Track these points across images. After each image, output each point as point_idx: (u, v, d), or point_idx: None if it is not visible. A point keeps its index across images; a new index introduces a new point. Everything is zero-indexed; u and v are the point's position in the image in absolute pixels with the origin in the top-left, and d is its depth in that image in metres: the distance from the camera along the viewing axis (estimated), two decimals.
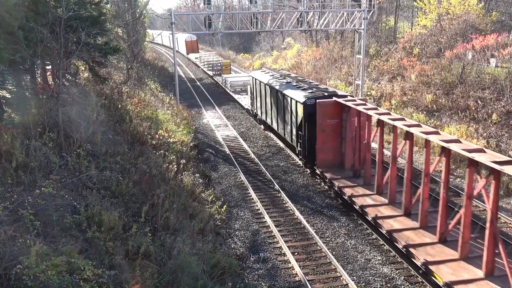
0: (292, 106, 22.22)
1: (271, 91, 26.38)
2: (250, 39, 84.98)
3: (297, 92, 22.42)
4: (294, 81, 25.52)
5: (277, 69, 41.17)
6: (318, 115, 19.67)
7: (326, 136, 19.80)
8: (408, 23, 47.67)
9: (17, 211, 10.38)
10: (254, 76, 31.16)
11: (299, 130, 21.51)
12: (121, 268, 10.66)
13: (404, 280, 13.22)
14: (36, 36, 13.95)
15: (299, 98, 21.30)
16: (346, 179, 18.70)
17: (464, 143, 13.83)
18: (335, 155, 20.10)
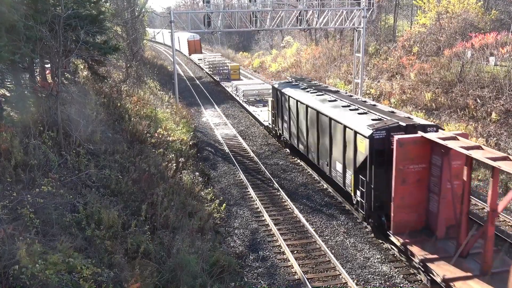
0: (347, 137, 16.08)
1: (307, 111, 19.89)
2: (249, 37, 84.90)
3: (353, 117, 16.35)
4: (341, 99, 19.13)
5: (307, 77, 32.33)
6: (398, 157, 13.32)
7: (408, 187, 13.55)
8: (408, 21, 47.65)
9: (16, 209, 10.38)
10: (279, 88, 24.44)
11: (359, 174, 15.32)
12: (120, 267, 10.67)
13: (403, 279, 13.24)
14: (35, 34, 13.94)
15: (359, 128, 15.15)
16: (447, 259, 12.27)
17: None
18: (420, 214, 13.94)
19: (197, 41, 76.27)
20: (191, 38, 74.98)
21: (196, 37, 75.54)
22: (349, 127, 15.84)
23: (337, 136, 17.03)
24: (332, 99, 19.20)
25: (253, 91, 38.13)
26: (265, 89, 37.57)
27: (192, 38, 74.86)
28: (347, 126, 16.03)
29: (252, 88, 38.93)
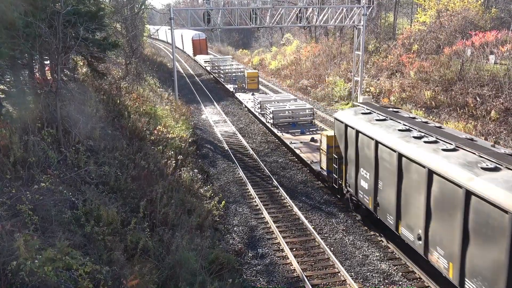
0: None
1: (429, 178, 11.34)
2: (249, 35, 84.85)
3: None
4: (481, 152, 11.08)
5: (395, 107, 19.90)
6: None
7: None
8: (407, 19, 47.65)
9: (15, 206, 10.37)
10: (351, 124, 15.68)
11: None
12: (119, 264, 10.67)
13: (401, 277, 13.26)
14: (35, 31, 13.90)
15: None
16: None
17: None
18: None
19: (202, 40, 69.64)
20: (196, 36, 68.73)
21: (201, 36, 69.04)
22: None
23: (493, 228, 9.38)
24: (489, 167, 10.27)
25: (286, 112, 28.51)
26: (300, 108, 29.08)
27: (197, 37, 68.64)
28: None
29: (283, 108, 28.75)
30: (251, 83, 40.80)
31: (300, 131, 26.73)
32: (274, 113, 27.93)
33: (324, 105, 37.01)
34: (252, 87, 40.55)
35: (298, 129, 27.31)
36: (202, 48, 69.01)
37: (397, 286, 12.84)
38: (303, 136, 25.84)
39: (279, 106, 29.41)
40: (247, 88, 40.63)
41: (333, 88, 38.41)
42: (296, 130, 27.15)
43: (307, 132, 26.64)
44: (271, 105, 29.48)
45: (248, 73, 41.44)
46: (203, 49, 69.35)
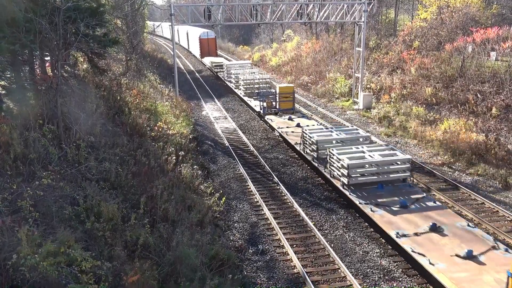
0: None
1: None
2: (250, 31, 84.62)
3: None
4: None
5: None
6: None
7: None
8: (408, 16, 47.53)
9: (16, 202, 10.39)
10: None
11: None
12: (120, 260, 10.70)
13: (401, 273, 13.28)
14: (35, 27, 13.88)
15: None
16: None
17: None
18: None
19: (211, 39, 60.63)
20: (204, 35, 60.14)
21: (210, 35, 60.34)
22: None
23: None
24: None
25: (367, 164, 17.37)
26: (391, 159, 17.62)
27: (205, 35, 60.11)
28: None
29: (362, 159, 17.50)
30: (284, 101, 30.00)
31: (399, 203, 15.87)
32: (350, 167, 16.74)
33: (324, 101, 36.99)
34: (286, 106, 30.10)
35: (392, 195, 16.70)
36: (211, 49, 60.45)
37: (397, 283, 12.87)
38: (409, 215, 15.13)
39: (351, 151, 18.29)
40: (280, 108, 30.09)
41: (333, 84, 38.38)
42: (390, 198, 16.45)
43: (410, 205, 15.81)
44: (341, 151, 18.19)
45: (281, 88, 30.10)
46: (212, 50, 60.76)
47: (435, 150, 23.53)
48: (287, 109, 30.11)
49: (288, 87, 30.71)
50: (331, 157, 18.42)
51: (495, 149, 21.37)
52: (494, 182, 19.62)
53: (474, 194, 18.20)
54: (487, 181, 19.82)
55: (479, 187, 19.30)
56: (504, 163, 20.64)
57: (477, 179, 20.05)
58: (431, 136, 24.58)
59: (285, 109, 30.13)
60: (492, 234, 14.82)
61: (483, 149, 21.76)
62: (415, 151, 24.06)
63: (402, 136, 26.42)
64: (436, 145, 23.74)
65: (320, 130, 22.07)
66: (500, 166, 20.45)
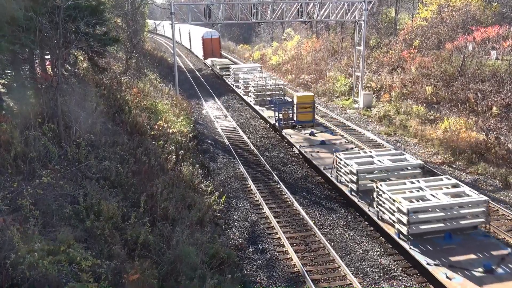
0: None
1: None
2: (250, 29, 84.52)
3: None
4: None
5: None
6: None
7: None
8: (409, 14, 47.47)
9: (16, 200, 10.39)
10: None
11: None
12: (120, 258, 10.71)
13: (401, 272, 13.29)
14: (35, 25, 13.87)
15: None
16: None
17: None
18: None
19: (215, 39, 57.39)
20: (208, 35, 56.91)
21: (214, 34, 57.08)
22: None
23: None
24: None
25: (433, 208, 13.35)
26: (462, 202, 13.64)
27: (208, 35, 56.83)
28: None
29: (425, 204, 13.35)
30: (303, 112, 25.87)
31: (482, 265, 11.97)
32: (411, 212, 12.83)
33: (325, 100, 36.97)
34: (305, 118, 25.95)
35: (466, 250, 12.89)
36: (214, 49, 57.05)
37: (397, 281, 12.88)
38: (500, 285, 11.26)
39: (405, 187, 14.43)
40: (298, 121, 25.89)
41: (334, 83, 38.37)
42: (465, 255, 12.62)
43: (497, 267, 11.93)
44: (393, 187, 14.35)
45: (299, 98, 26.00)
46: (216, 51, 57.52)
47: (435, 149, 23.52)
48: (306, 122, 25.98)
49: (307, 96, 26.55)
50: (379, 195, 14.36)
51: (495, 148, 21.36)
52: (494, 181, 19.62)
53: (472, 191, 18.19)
54: (487, 180, 19.81)
55: (479, 186, 19.29)
56: (504, 162, 20.63)
57: (477, 178, 20.04)
58: (431, 135, 24.57)
59: (304, 121, 25.94)
60: (492, 233, 14.81)
61: (483, 148, 21.75)
62: (415, 150, 24.06)
63: (402, 135, 26.41)
64: (436, 144, 23.74)
65: (357, 155, 17.72)
66: (500, 165, 20.45)
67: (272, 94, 32.31)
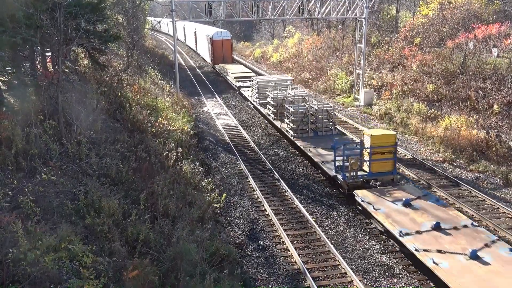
0: None
1: None
2: (251, 27, 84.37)
3: None
4: None
5: None
6: None
7: None
8: (410, 12, 47.35)
9: (17, 197, 10.40)
10: None
11: None
12: (120, 255, 10.72)
13: (402, 269, 13.29)
14: (36, 22, 13.85)
15: None
16: None
17: None
18: None
19: (227, 41, 49.36)
20: (218, 36, 48.90)
21: (226, 35, 49.35)
22: None
23: None
24: None
25: None
26: None
27: (219, 36, 48.86)
28: None
29: None
30: (380, 160, 17.37)
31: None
32: None
33: (325, 98, 36.94)
34: (383, 168, 17.51)
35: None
36: (226, 53, 49.18)
37: (398, 279, 12.88)
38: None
39: None
40: (372, 172, 17.42)
41: (334, 81, 38.32)
42: None
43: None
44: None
45: (375, 138, 17.11)
46: (228, 55, 49.52)
47: (436, 147, 23.50)
48: (384, 174, 17.45)
49: (387, 135, 17.33)
50: None
51: (496, 146, 21.34)
52: (495, 179, 19.61)
53: (474, 191, 18.19)
54: (488, 178, 19.80)
55: (480, 184, 19.29)
56: (505, 160, 20.61)
57: (478, 176, 20.03)
58: (432, 133, 24.55)
59: (381, 173, 17.40)
60: (493, 231, 14.81)
61: (484, 146, 21.74)
62: (416, 148, 24.04)
63: (403, 132, 26.40)
64: (437, 142, 23.71)
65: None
66: (501, 163, 20.43)
67: (317, 120, 23.36)
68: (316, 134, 23.11)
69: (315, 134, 23.13)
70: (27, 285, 8.44)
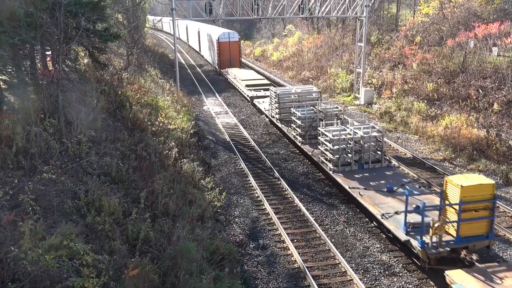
0: None
1: None
2: (251, 26, 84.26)
3: None
4: None
5: None
6: None
7: None
8: (410, 11, 47.30)
9: (17, 196, 10.41)
10: None
11: None
12: (121, 254, 10.73)
13: (402, 268, 13.30)
14: (36, 21, 13.85)
15: None
16: None
17: None
18: None
19: (234, 43, 45.22)
20: (224, 37, 44.99)
21: (233, 37, 45.52)
22: None
23: None
24: None
25: None
26: None
27: (225, 37, 44.96)
28: None
29: None
30: (473, 220, 12.66)
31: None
32: None
33: (326, 96, 36.93)
34: (475, 231, 12.85)
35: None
36: (233, 57, 44.89)
37: (398, 278, 12.89)
38: None
39: None
40: (460, 237, 12.65)
41: (335, 80, 38.30)
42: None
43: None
44: None
45: (467, 190, 12.25)
46: (235, 58, 45.26)
47: (436, 145, 23.50)
48: (478, 238, 12.93)
49: (484, 185, 12.54)
50: None
51: (496, 145, 21.34)
52: (495, 178, 19.61)
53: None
54: (488, 177, 19.77)
55: None
56: (505, 159, 20.61)
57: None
58: (432, 132, 24.55)
59: (473, 237, 12.87)
60: None
61: (484, 145, 21.73)
62: (416, 146, 24.04)
63: (403, 131, 26.40)
64: (437, 140, 23.71)
65: None
66: (501, 162, 20.42)
67: (363, 149, 18.58)
68: (361, 167, 18.58)
69: (360, 167, 18.58)
70: (27, 283, 8.45)
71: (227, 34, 45.52)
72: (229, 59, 45.25)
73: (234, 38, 45.50)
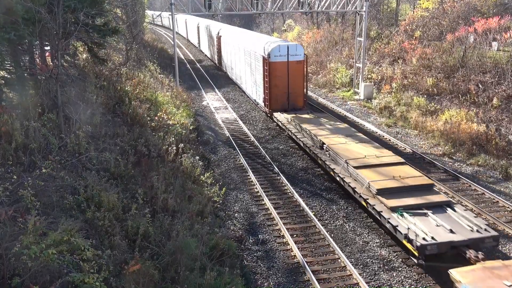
0: None
1: None
2: (250, 20, 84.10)
3: None
4: None
5: None
6: None
7: None
8: (410, 5, 47.16)
9: (17, 192, 10.41)
10: None
11: None
12: (121, 249, 10.75)
13: (401, 263, 13.34)
14: (34, 16, 13.79)
15: None
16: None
17: None
18: None
19: (298, 64, 26.46)
20: (280, 54, 26.03)
21: (295, 53, 26.27)
22: None
23: None
24: None
25: None
26: None
27: (281, 54, 26.04)
28: None
29: None
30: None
31: None
32: None
33: (325, 91, 36.90)
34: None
35: None
36: (295, 89, 26.92)
37: (397, 272, 12.93)
38: None
39: None
40: None
41: (334, 74, 38.25)
42: None
43: None
44: None
45: None
46: (299, 94, 27.19)
47: (436, 140, 23.51)
48: None
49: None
50: None
51: (495, 140, 21.35)
52: (495, 173, 19.64)
53: (474, 185, 18.22)
54: (487, 172, 19.83)
55: (479, 177, 19.31)
56: (504, 153, 20.62)
57: (477, 170, 20.05)
58: (431, 127, 24.54)
59: None
60: (492, 225, 14.84)
61: (484, 140, 21.74)
62: (416, 141, 24.04)
63: (403, 126, 26.39)
64: (437, 135, 23.71)
65: None
66: (500, 157, 20.44)
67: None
68: None
69: None
70: (27, 278, 8.46)
71: (284, 48, 26.27)
72: (287, 93, 26.90)
73: (298, 55, 26.75)
